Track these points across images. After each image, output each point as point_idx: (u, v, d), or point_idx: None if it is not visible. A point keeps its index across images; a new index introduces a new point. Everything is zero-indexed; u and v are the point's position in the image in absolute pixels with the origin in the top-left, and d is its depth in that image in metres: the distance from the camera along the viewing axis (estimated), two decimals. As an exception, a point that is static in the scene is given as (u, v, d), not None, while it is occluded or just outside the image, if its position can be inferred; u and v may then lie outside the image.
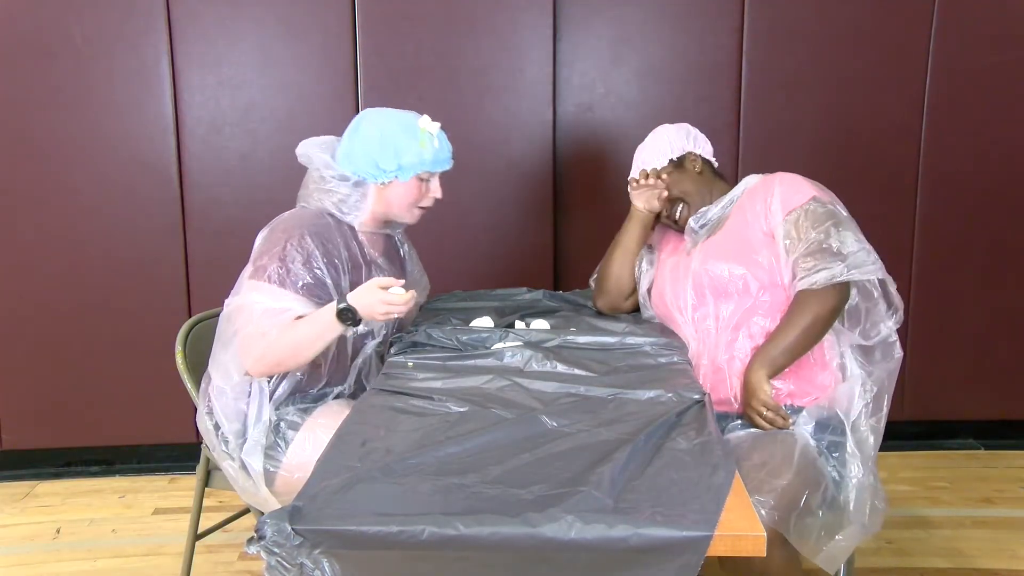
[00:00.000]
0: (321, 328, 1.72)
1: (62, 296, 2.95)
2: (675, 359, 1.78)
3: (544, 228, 3.05)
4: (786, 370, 1.78)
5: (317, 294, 1.76)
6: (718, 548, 1.13)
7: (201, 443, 2.03)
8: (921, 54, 2.98)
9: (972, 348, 3.16)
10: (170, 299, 2.92)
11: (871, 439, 1.75)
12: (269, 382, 1.79)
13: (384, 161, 1.85)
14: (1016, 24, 2.97)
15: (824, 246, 1.77)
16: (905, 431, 3.17)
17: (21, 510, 2.84)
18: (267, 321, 1.72)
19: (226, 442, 1.78)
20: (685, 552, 1.11)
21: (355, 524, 1.13)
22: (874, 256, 1.79)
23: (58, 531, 2.68)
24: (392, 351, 1.84)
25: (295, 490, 1.75)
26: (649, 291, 2.08)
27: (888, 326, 1.86)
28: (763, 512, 1.45)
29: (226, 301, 1.81)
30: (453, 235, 2.97)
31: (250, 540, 1.15)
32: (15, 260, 2.93)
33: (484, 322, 2.01)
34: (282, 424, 1.78)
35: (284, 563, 1.13)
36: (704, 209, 1.96)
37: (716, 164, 2.07)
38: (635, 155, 2.09)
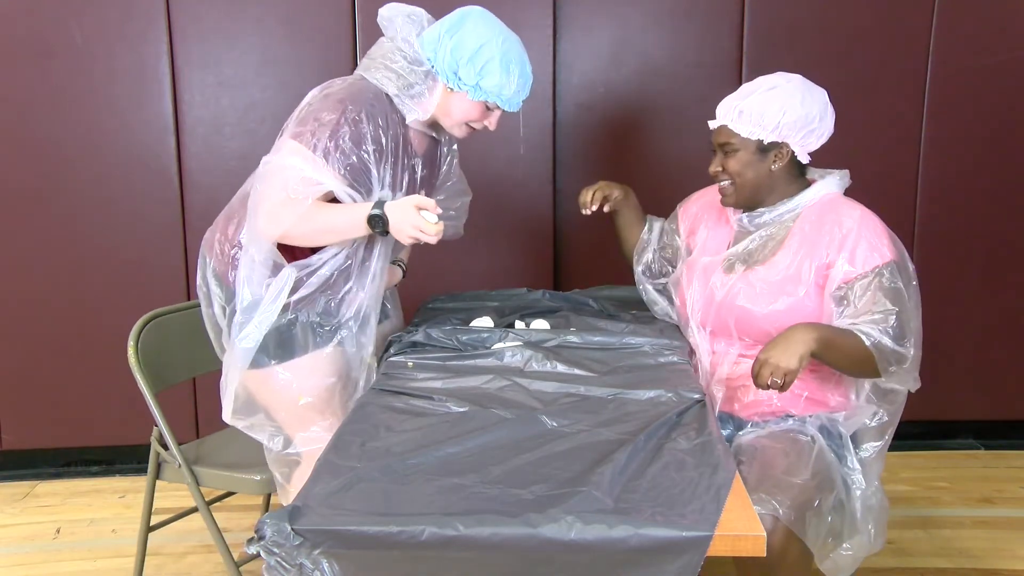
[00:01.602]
0: (349, 225, 1.70)
1: (62, 296, 2.95)
2: (675, 359, 1.78)
3: (544, 228, 3.05)
4: (806, 378, 1.74)
5: (357, 178, 1.72)
6: (718, 548, 1.13)
7: (151, 439, 2.04)
8: (921, 54, 2.98)
9: (972, 348, 3.16)
10: (170, 299, 2.90)
11: (875, 461, 1.75)
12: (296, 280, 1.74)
13: (465, 72, 1.77)
14: (1016, 24, 2.97)
15: (878, 318, 1.64)
16: (905, 431, 3.15)
17: (21, 510, 2.84)
18: (301, 190, 1.67)
19: (229, 310, 1.76)
20: (685, 552, 1.11)
21: (355, 524, 1.13)
22: (916, 365, 1.69)
23: (58, 531, 2.68)
24: (392, 351, 1.83)
25: (260, 390, 1.78)
26: (664, 275, 2.04)
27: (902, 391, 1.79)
28: (780, 510, 1.44)
29: (263, 159, 1.75)
30: (453, 235, 2.97)
31: (250, 540, 1.15)
32: (15, 260, 2.93)
33: (484, 322, 2.01)
34: (297, 325, 1.75)
35: (284, 563, 1.13)
36: (761, 210, 1.82)
37: (808, 160, 1.82)
38: (732, 99, 1.80)
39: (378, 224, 1.67)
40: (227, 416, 1.81)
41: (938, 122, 3.01)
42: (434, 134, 1.93)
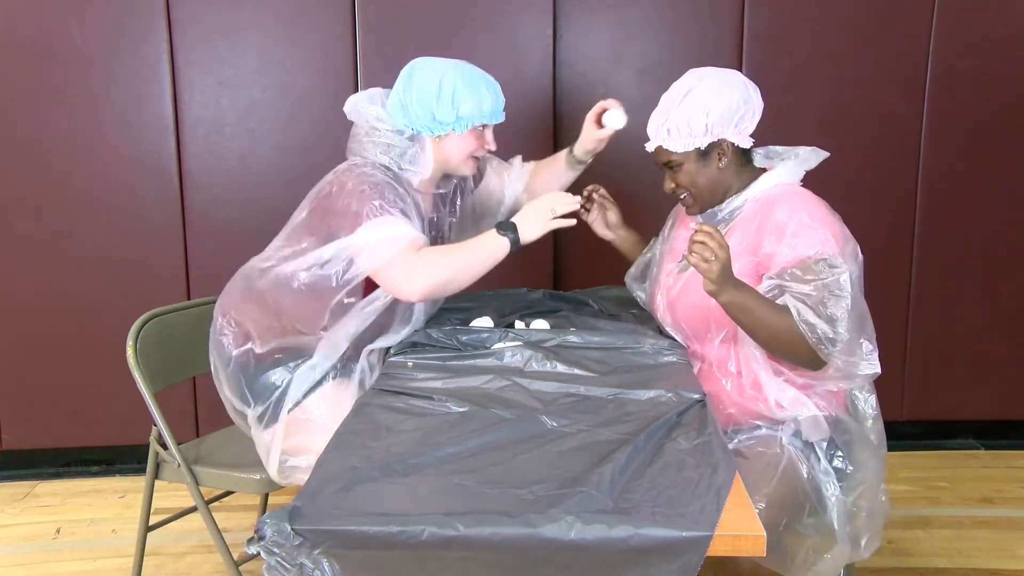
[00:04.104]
0: (491, 253, 1.79)
1: (62, 296, 2.95)
2: (675, 359, 1.77)
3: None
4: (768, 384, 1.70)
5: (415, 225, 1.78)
6: (718, 548, 1.13)
7: (150, 438, 2.04)
8: (921, 54, 2.98)
9: (972, 348, 3.16)
10: (170, 299, 2.90)
11: (866, 464, 1.67)
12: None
13: (441, 112, 1.80)
14: (1016, 24, 2.97)
15: (812, 294, 1.58)
16: (905, 431, 3.18)
17: (21, 510, 2.84)
18: (409, 242, 1.73)
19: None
20: (685, 552, 1.11)
21: (355, 524, 1.13)
22: (855, 350, 1.59)
23: (58, 531, 2.68)
24: (392, 351, 1.83)
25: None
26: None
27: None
28: None
29: (313, 257, 1.77)
30: (453, 235, 2.98)
31: (250, 540, 1.15)
32: (15, 260, 2.93)
33: (484, 322, 2.01)
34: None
35: (284, 563, 1.13)
36: (713, 210, 1.79)
37: (752, 144, 1.77)
38: (656, 118, 1.77)
39: (512, 237, 1.79)
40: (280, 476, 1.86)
41: (938, 122, 3.01)
42: (441, 190, 1.98)
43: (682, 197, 1.83)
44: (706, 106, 1.71)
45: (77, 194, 2.91)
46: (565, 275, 3.09)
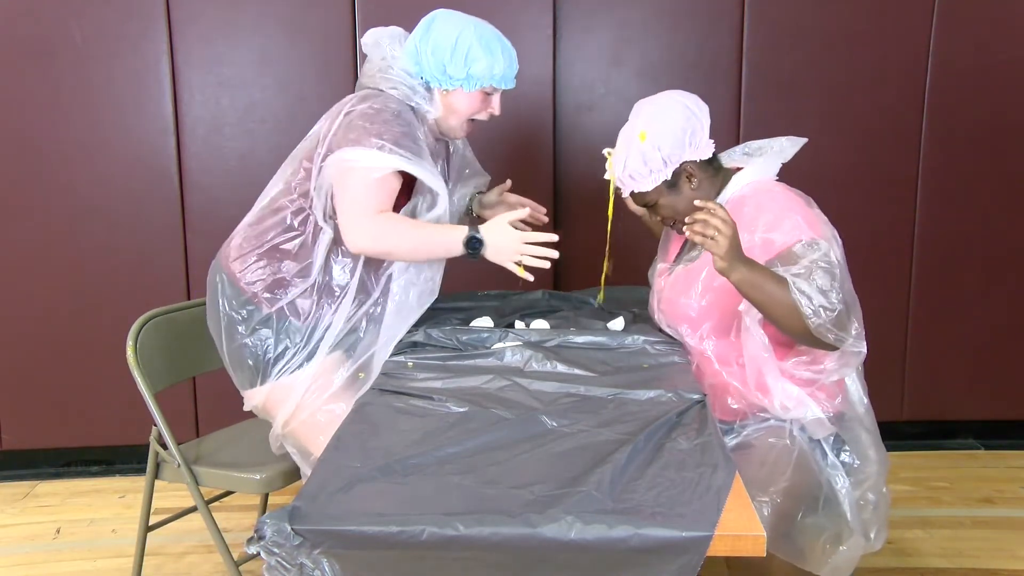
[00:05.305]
0: (445, 245, 1.76)
1: (62, 296, 2.95)
2: (675, 359, 1.77)
3: (544, 228, 3.04)
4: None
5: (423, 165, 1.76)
6: (718, 548, 1.13)
7: (150, 438, 2.03)
8: (921, 54, 2.98)
9: (972, 348, 3.16)
10: (170, 299, 2.90)
11: (869, 457, 1.69)
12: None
13: (453, 68, 1.81)
14: (1016, 24, 2.97)
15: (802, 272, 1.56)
16: (905, 431, 3.18)
17: (21, 510, 2.84)
18: (380, 194, 1.72)
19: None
20: (685, 552, 1.11)
21: (355, 524, 1.13)
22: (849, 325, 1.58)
23: (58, 531, 2.68)
24: (392, 351, 1.83)
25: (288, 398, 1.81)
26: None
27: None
28: None
29: (326, 164, 1.78)
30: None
31: (250, 540, 1.15)
32: (15, 260, 2.93)
33: (484, 322, 2.01)
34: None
35: (284, 563, 1.13)
36: None
37: (714, 150, 1.78)
38: (616, 169, 1.80)
39: (475, 247, 1.72)
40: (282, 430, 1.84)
41: (938, 121, 3.01)
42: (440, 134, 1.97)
43: (672, 226, 1.86)
44: (654, 142, 1.73)
45: (77, 194, 2.91)
46: (565, 275, 3.09)
